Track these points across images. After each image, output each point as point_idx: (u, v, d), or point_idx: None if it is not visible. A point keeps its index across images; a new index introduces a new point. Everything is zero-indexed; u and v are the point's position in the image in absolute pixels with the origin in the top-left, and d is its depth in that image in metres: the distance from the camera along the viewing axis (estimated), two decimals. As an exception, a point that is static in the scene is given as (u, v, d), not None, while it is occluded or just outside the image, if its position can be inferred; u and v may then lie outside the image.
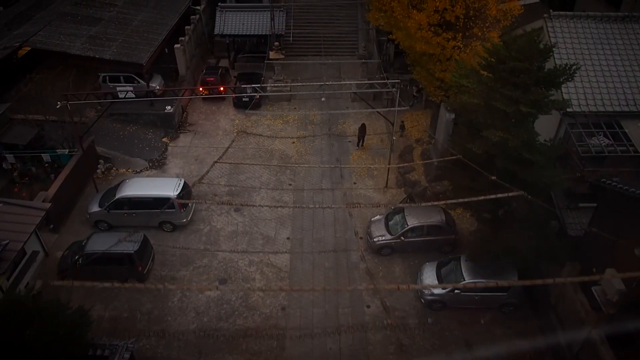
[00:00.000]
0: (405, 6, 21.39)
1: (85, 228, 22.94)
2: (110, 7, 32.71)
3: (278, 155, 27.79)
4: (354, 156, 27.67)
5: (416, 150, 27.25)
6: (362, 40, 38.48)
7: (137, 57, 27.94)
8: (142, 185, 22.58)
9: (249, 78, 32.52)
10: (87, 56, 27.67)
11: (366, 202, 24.75)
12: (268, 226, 23.35)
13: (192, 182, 25.54)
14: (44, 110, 26.28)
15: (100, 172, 26.13)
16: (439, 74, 23.57)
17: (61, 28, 29.41)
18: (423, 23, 20.76)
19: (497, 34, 22.10)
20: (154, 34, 30.75)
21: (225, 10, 34.47)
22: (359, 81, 31.50)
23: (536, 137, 15.44)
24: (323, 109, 31.63)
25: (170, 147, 28.38)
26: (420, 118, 30.24)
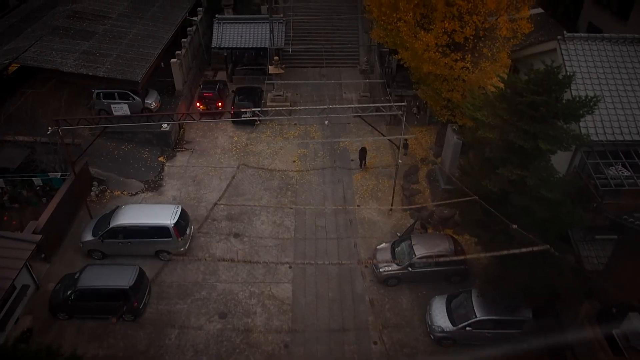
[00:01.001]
0: (412, 26, 20.48)
1: (79, 257, 22.01)
2: (104, 19, 31.70)
3: (279, 176, 26.87)
4: (356, 177, 26.76)
5: (422, 170, 26.37)
6: (364, 52, 37.60)
7: (131, 75, 26.94)
8: (137, 213, 21.63)
9: (248, 93, 31.60)
10: (80, 73, 26.61)
11: (370, 226, 23.87)
12: (269, 253, 22.45)
13: (189, 205, 24.71)
14: (35, 130, 25.32)
15: (94, 195, 25.16)
16: (446, 93, 22.73)
17: (53, 43, 28.39)
18: (431, 44, 19.87)
19: (506, 53, 21.27)
20: (150, 48, 29.75)
21: (223, 22, 33.49)
22: (362, 103, 30.75)
23: (555, 174, 14.56)
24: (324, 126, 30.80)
25: (166, 167, 27.42)
26: (424, 135, 29.35)
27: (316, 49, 37.23)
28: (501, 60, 21.35)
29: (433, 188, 24.78)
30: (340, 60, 37.26)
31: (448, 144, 23.49)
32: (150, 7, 34.57)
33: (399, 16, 20.70)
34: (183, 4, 36.29)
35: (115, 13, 32.64)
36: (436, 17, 19.68)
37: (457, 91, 22.59)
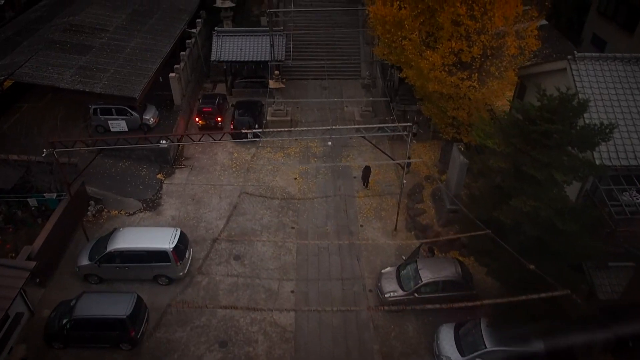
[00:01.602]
0: (417, 45, 19.93)
1: (75, 281, 21.37)
2: (102, 32, 31.11)
3: (280, 194, 26.26)
4: (360, 195, 26.17)
5: (426, 189, 25.80)
6: (365, 64, 37.09)
7: (129, 91, 26.35)
8: (134, 237, 21.00)
9: (248, 107, 31.02)
10: (77, 90, 26.01)
11: (374, 247, 23.27)
12: (271, 277, 21.82)
13: (188, 225, 24.11)
14: (30, 149, 24.70)
15: (90, 215, 24.53)
16: (452, 112, 22.22)
17: (49, 58, 27.78)
18: (437, 63, 19.32)
19: (513, 71, 20.75)
20: (148, 62, 29.16)
21: (222, 35, 32.94)
22: (365, 118, 30.27)
23: (571, 205, 13.99)
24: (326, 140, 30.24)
25: (165, 185, 26.80)
26: (427, 151, 28.81)
27: (316, 59, 36.74)
28: (508, 78, 20.84)
29: (438, 208, 24.20)
30: (342, 72, 36.75)
31: (454, 163, 22.93)
32: (149, 19, 34.03)
33: (404, 34, 20.16)
34: (182, 15, 35.77)
35: (112, 26, 32.06)
36: (443, 36, 19.15)
37: (462, 109, 22.09)
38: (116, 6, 34.65)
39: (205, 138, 20.33)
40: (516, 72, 21.04)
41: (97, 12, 33.24)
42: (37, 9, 36.35)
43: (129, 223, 24.30)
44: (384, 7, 20.43)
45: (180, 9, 36.84)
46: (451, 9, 18.12)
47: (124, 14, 33.73)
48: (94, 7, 33.65)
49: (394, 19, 20.12)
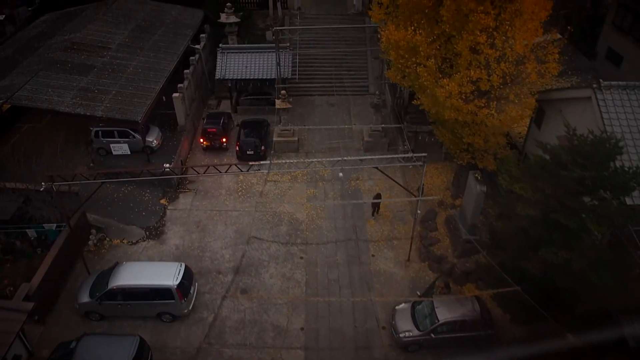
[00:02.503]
0: (433, 71, 18.97)
1: (75, 317, 20.51)
2: (104, 51, 30.28)
3: (287, 220, 25.33)
4: (370, 221, 25.20)
5: (440, 215, 24.81)
6: (373, 79, 36.15)
7: (131, 114, 25.51)
8: (137, 273, 20.09)
9: (254, 127, 30.14)
10: (78, 114, 25.18)
11: (386, 279, 22.32)
12: (279, 313, 20.89)
13: (193, 256, 23.22)
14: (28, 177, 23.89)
15: (92, 244, 23.66)
16: (468, 138, 21.22)
17: (50, 79, 26.97)
18: (454, 92, 18.35)
19: (533, 99, 19.76)
20: (150, 82, 28.31)
21: (227, 52, 32.06)
22: (374, 138, 29.33)
23: (606, 256, 12.99)
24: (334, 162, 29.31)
25: (169, 211, 25.90)
26: (439, 173, 27.81)
27: (324, 76, 35.86)
28: (527, 104, 19.86)
29: (453, 237, 23.21)
30: (349, 87, 35.78)
31: (469, 192, 21.95)
32: (152, 35, 33.20)
33: (419, 60, 19.21)
34: (185, 30, 34.96)
35: (115, 43, 31.24)
36: (460, 63, 18.18)
37: (479, 135, 21.10)
38: (119, 22, 33.85)
39: (210, 170, 19.31)
40: (536, 97, 20.06)
41: (99, 29, 32.43)
42: (38, 25, 35.65)
43: (131, 253, 23.43)
44: (397, 31, 19.47)
45: (184, 23, 36.04)
46: (470, 36, 17.16)
47: (127, 30, 32.92)
48: (96, 24, 32.86)
49: (408, 44, 19.17)
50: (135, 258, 23.23)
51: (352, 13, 39.28)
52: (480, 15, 16.59)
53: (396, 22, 21.23)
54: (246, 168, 20.36)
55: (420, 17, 19.69)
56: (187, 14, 37.42)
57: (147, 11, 36.21)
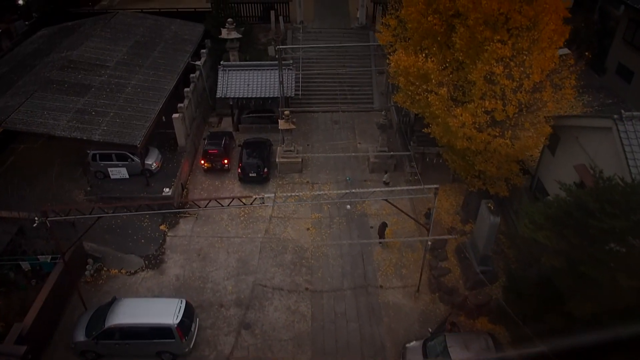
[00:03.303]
0: (445, 100, 18.12)
1: (70, 356, 19.61)
2: (101, 69, 29.43)
3: (291, 247, 24.45)
4: (377, 249, 24.32)
5: (450, 243, 23.93)
6: (377, 94, 35.34)
7: (129, 138, 24.65)
8: (136, 310, 19.20)
9: (256, 147, 29.30)
10: (74, 138, 24.33)
11: (396, 312, 21.42)
12: (284, 349, 19.99)
13: (193, 287, 22.34)
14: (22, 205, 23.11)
15: (88, 275, 22.77)
16: (480, 165, 20.36)
17: (45, 100, 26.11)
18: (467, 122, 17.49)
19: (549, 127, 18.90)
20: (150, 103, 27.47)
21: (228, 69, 31.22)
22: (380, 159, 28.47)
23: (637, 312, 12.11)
24: (339, 182, 28.52)
25: (168, 238, 25.04)
26: (448, 196, 26.93)
27: (327, 92, 35.04)
28: (542, 132, 19.02)
29: (464, 267, 22.34)
30: (353, 103, 34.95)
31: (482, 222, 21.07)
32: (151, 52, 32.37)
33: (430, 88, 18.36)
34: (185, 46, 34.15)
35: (113, 61, 30.40)
36: (474, 93, 17.32)
37: (491, 163, 20.25)
38: (117, 38, 33.03)
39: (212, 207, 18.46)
40: (551, 124, 19.22)
41: (96, 46, 31.60)
42: (35, 41, 34.88)
43: (130, 284, 22.56)
44: (407, 57, 18.62)
45: (184, 38, 35.24)
46: (485, 66, 16.31)
47: (125, 47, 32.08)
48: (94, 40, 32.02)
49: (418, 71, 18.32)
50: (133, 289, 22.39)
51: (355, 27, 38.45)
52: (497, 44, 15.73)
53: (404, 45, 20.40)
54: (249, 201, 19.38)
55: (430, 42, 18.85)
56: (187, 29, 36.63)
57: (146, 26, 35.40)
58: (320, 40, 37.69)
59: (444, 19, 17.87)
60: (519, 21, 15.66)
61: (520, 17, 15.61)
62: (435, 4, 17.82)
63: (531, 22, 15.73)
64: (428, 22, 17.79)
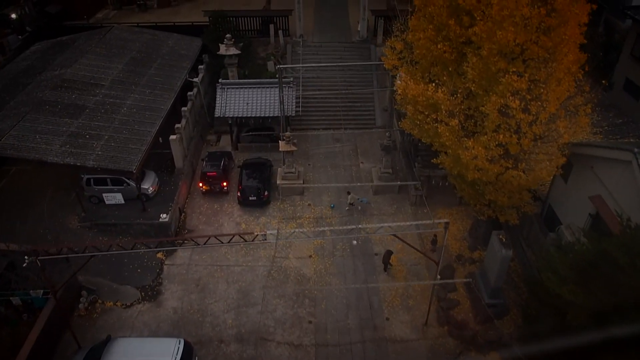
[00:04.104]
0: (455, 131, 17.26)
1: (63, 398, 18.66)
2: (96, 88, 28.50)
3: (293, 276, 23.56)
4: (382, 277, 23.42)
5: (458, 271, 23.09)
6: (379, 111, 34.51)
7: (125, 163, 23.72)
8: (131, 351, 18.26)
9: (256, 168, 28.43)
10: (67, 164, 23.40)
11: (403, 348, 20.54)
12: (287, 390, 19.09)
13: (192, 321, 21.42)
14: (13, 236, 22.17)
15: (82, 308, 21.82)
16: (490, 195, 19.54)
17: (37, 123, 25.17)
18: (480, 155, 16.65)
19: (563, 159, 18.07)
20: (146, 124, 26.55)
21: (227, 87, 30.34)
22: (384, 181, 27.64)
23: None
24: (342, 205, 27.64)
25: (166, 267, 24.12)
26: (455, 219, 26.09)
27: (328, 109, 34.19)
28: (556, 161, 18.19)
29: (474, 299, 21.48)
30: (355, 120, 34.13)
31: (493, 254, 20.22)
32: (147, 69, 31.46)
33: (440, 118, 17.52)
34: (182, 62, 33.27)
35: (108, 79, 29.47)
36: (487, 125, 16.48)
37: (502, 193, 19.41)
38: (112, 54, 32.13)
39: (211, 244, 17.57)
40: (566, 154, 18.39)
41: (91, 63, 30.67)
42: (28, 57, 33.99)
43: (125, 318, 21.63)
44: (415, 85, 17.77)
45: (181, 54, 34.37)
46: (500, 99, 15.46)
47: (121, 64, 31.16)
48: (89, 57, 31.09)
49: (427, 100, 17.47)
50: (129, 323, 21.46)
51: (356, 40, 37.62)
52: (512, 77, 14.88)
53: (412, 70, 19.54)
54: (250, 238, 18.48)
55: (440, 69, 18.01)
56: (184, 43, 35.77)
57: (142, 41, 34.51)
58: (321, 55, 36.91)
59: (455, 46, 17.02)
60: (536, 53, 14.82)
61: (537, 49, 14.79)
62: (445, 30, 16.98)
63: (549, 54, 14.89)
64: (438, 50, 16.94)
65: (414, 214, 26.81)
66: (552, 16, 14.51)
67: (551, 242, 21.00)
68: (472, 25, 16.58)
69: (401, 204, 27.49)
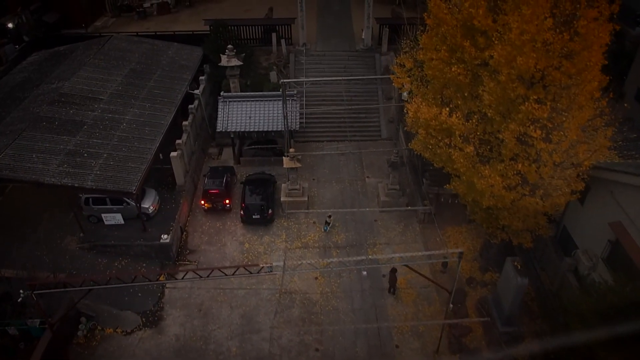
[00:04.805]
0: (471, 158, 16.47)
1: None
2: (94, 103, 27.71)
3: (299, 300, 22.81)
4: (390, 301, 22.67)
5: (469, 296, 22.32)
6: (385, 123, 33.72)
7: (124, 183, 22.95)
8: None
9: (259, 184, 27.65)
10: (64, 185, 22.63)
11: (414, 377, 19.81)
12: None
13: (195, 349, 20.66)
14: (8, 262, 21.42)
15: (81, 335, 21.08)
16: (505, 220, 18.76)
17: (34, 141, 24.38)
18: (497, 184, 15.86)
19: (582, 184, 17.28)
20: (146, 141, 25.77)
21: (229, 100, 29.53)
22: (391, 197, 26.87)
23: None
24: (347, 222, 26.87)
25: (167, 290, 23.39)
26: (464, 238, 25.33)
27: (332, 120, 33.41)
28: (575, 187, 17.40)
29: (487, 326, 20.70)
30: (360, 132, 33.37)
31: (507, 281, 19.43)
32: (147, 81, 30.66)
33: (454, 143, 16.72)
34: (183, 74, 32.46)
35: (107, 93, 28.66)
36: (504, 153, 15.69)
37: (517, 218, 18.65)
38: (111, 66, 31.32)
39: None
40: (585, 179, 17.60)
41: (89, 75, 29.87)
42: (25, 67, 33.25)
43: (126, 346, 20.90)
44: (428, 108, 16.96)
45: (181, 64, 33.56)
46: (518, 128, 14.66)
47: (119, 77, 30.35)
48: (87, 69, 30.29)
49: (441, 125, 16.67)
50: (130, 352, 20.74)
51: (361, 49, 36.79)
52: (533, 105, 14.08)
53: (424, 91, 18.73)
54: (256, 270, 17.72)
55: (453, 91, 17.20)
56: (185, 53, 34.96)
57: (141, 52, 33.70)
58: (324, 64, 36.14)
59: (470, 69, 16.22)
60: (558, 79, 14.02)
61: (559, 75, 13.98)
62: (459, 52, 16.17)
63: (572, 80, 14.09)
64: (452, 73, 16.14)
65: (422, 232, 26.05)
66: (575, 40, 13.71)
67: (567, 268, 20.27)
68: (487, 46, 15.81)
69: (409, 222, 26.72)
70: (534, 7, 13.39)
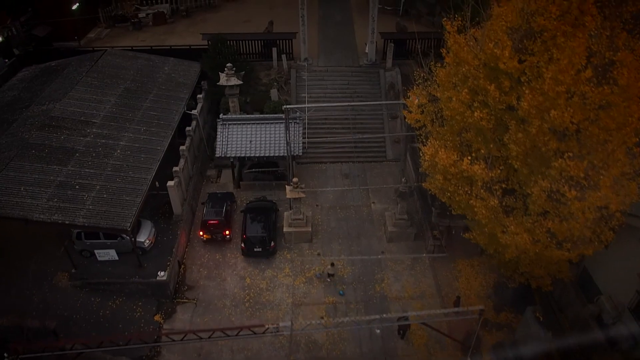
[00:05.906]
0: (495, 211, 15.18)
1: None
2: (87, 127, 26.26)
3: (304, 343, 21.56)
4: (401, 345, 21.45)
5: (485, 339, 21.10)
6: (390, 142, 32.46)
7: (118, 219, 21.57)
8: None
9: (260, 213, 26.35)
10: (55, 222, 21.26)
11: None
12: None
13: (195, 401, 19.35)
14: None
15: (72, 385, 19.74)
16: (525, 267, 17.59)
17: (22, 172, 22.93)
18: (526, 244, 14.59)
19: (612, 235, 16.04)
20: (141, 170, 24.39)
21: (229, 123, 28.16)
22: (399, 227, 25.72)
23: None
24: (352, 254, 25.65)
25: (165, 331, 22.03)
26: (477, 273, 24.17)
27: (336, 141, 32.08)
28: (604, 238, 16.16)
29: (505, 376, 19.52)
30: (364, 153, 32.11)
31: (526, 328, 18.30)
32: (142, 102, 29.21)
33: (475, 192, 15.45)
34: (180, 93, 31.01)
35: (100, 116, 27.19)
36: (532, 209, 14.43)
37: (539, 265, 17.44)
38: (104, 85, 29.83)
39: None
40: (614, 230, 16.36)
41: (82, 96, 28.38)
42: (15, 85, 31.77)
43: (121, 397, 19.59)
44: (446, 154, 15.67)
45: (178, 82, 32.12)
46: (547, 184, 13.39)
47: (113, 97, 28.88)
48: (79, 89, 28.80)
49: (461, 172, 15.40)
50: (124, 404, 19.43)
51: (364, 64, 35.44)
52: (567, 161, 12.81)
53: (440, 131, 17.44)
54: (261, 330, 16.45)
55: (473, 134, 15.91)
56: (182, 69, 33.51)
57: (136, 68, 32.23)
58: (327, 80, 34.85)
59: (493, 113, 14.94)
60: (596, 135, 12.76)
61: (597, 130, 12.72)
62: (482, 95, 14.87)
63: (610, 136, 12.82)
64: (473, 117, 14.84)
65: (432, 265, 24.86)
66: (615, 92, 12.44)
67: (590, 314, 19.10)
68: (512, 88, 14.54)
69: (417, 253, 25.51)
70: (569, 56, 12.09)
